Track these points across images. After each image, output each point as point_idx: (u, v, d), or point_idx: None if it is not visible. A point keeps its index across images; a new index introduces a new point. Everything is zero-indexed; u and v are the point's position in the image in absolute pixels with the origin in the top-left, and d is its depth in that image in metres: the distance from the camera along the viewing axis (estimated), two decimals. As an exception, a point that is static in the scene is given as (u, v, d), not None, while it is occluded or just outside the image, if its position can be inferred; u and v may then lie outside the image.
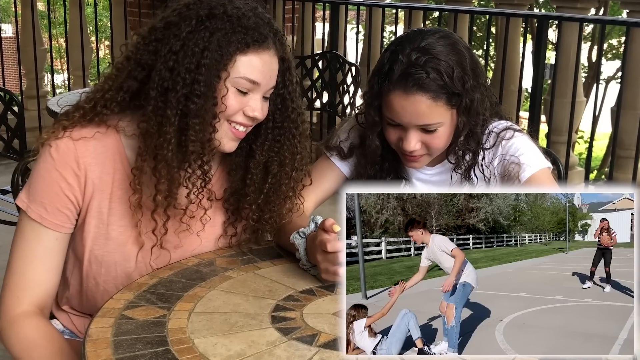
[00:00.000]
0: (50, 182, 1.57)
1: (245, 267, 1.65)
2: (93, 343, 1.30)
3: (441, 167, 1.89)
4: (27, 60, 6.07)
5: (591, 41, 12.52)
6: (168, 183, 1.55)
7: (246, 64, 1.56)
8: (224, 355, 1.26)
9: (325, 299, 1.50)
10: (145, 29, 1.61)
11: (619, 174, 4.26)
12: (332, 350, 1.28)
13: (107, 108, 1.60)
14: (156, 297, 1.48)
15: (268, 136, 1.68)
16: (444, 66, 1.69)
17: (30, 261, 1.58)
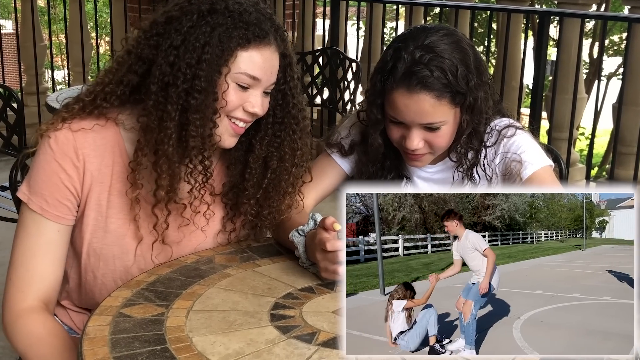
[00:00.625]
0: (50, 173, 1.57)
1: (244, 264, 1.64)
2: (90, 341, 1.29)
3: (442, 165, 1.88)
4: (27, 56, 6.06)
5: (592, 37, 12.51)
6: (169, 178, 1.55)
7: (247, 60, 1.55)
8: (223, 353, 1.25)
9: (325, 297, 1.49)
10: (147, 23, 1.61)
11: (620, 170, 4.25)
12: (332, 348, 1.27)
13: (107, 101, 1.60)
14: (154, 294, 1.47)
15: (268, 131, 1.67)
16: (447, 64, 1.67)
17: (33, 254, 1.58)
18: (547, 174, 1.77)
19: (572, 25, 4.39)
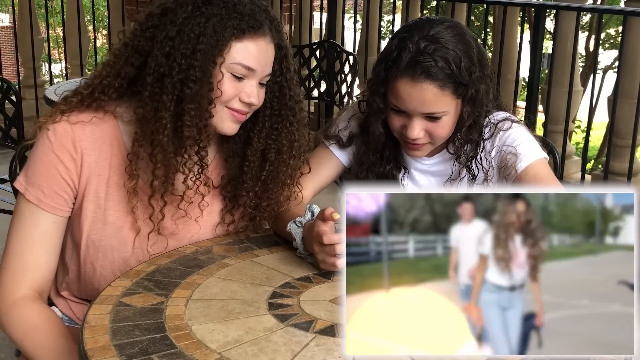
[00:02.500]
0: (47, 164, 1.58)
1: (242, 254, 1.66)
2: (91, 329, 1.30)
3: (440, 157, 1.90)
4: (24, 49, 6.06)
5: (589, 30, 12.50)
6: (165, 168, 1.56)
7: (241, 50, 1.56)
8: (222, 341, 1.26)
9: (322, 286, 1.51)
10: (143, 15, 1.62)
11: (615, 163, 4.26)
12: (329, 336, 1.29)
13: (104, 94, 1.61)
14: (154, 284, 1.49)
15: (266, 124, 1.69)
16: (452, 55, 1.69)
17: (28, 244, 1.59)
18: (542, 166, 1.79)
19: (568, 18, 4.39)
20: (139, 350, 1.23)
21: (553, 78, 4.36)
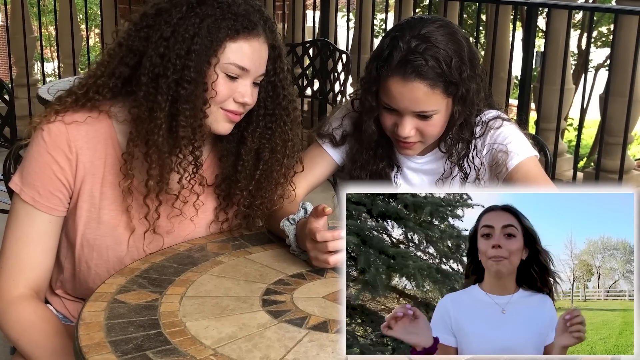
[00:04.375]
0: (42, 165, 1.58)
1: (236, 252, 1.67)
2: (86, 326, 1.31)
3: (431, 155, 1.91)
4: (16, 48, 6.04)
5: (581, 29, 12.52)
6: (159, 168, 1.57)
7: (235, 51, 1.57)
8: (216, 337, 1.28)
9: (315, 282, 1.52)
10: (137, 15, 1.63)
11: (607, 160, 4.28)
12: (322, 332, 1.30)
13: (99, 94, 1.62)
14: (148, 281, 1.50)
15: (259, 123, 1.70)
16: (442, 54, 1.71)
17: (25, 244, 1.60)
18: (533, 164, 1.81)
19: (559, 17, 4.41)
20: (133, 347, 1.24)
21: (545, 76, 4.38)
